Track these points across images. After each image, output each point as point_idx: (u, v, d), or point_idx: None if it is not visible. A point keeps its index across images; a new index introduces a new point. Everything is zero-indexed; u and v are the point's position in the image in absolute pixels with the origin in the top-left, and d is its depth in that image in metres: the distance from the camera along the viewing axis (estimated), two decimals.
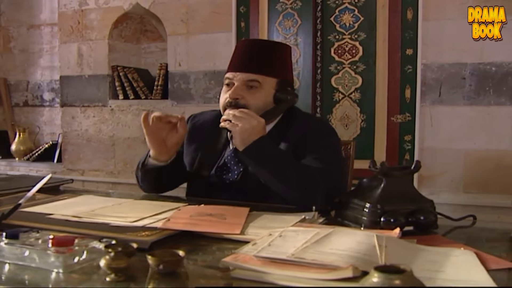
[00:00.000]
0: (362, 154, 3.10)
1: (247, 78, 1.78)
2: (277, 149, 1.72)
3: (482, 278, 1.00)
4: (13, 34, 4.64)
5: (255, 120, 1.66)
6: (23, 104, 4.63)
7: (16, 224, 1.36)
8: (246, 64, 1.80)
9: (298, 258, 1.04)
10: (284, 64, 1.87)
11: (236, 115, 1.66)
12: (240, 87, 1.78)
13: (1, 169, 4.26)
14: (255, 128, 1.65)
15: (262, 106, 1.79)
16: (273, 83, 1.81)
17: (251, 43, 1.87)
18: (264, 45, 1.90)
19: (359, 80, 3.10)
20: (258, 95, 1.78)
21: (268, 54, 1.82)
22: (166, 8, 3.65)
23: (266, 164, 1.67)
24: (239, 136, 1.66)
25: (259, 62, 1.80)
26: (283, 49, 1.90)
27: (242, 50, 1.85)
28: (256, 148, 1.65)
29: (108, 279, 1.01)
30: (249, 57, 1.81)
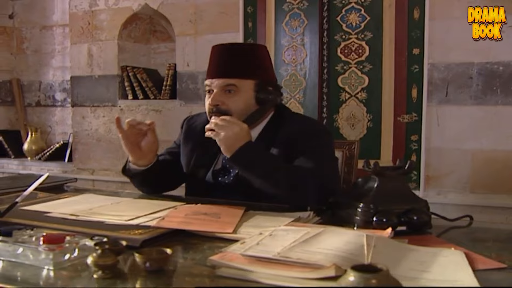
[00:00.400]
0: (368, 154, 3.09)
1: (224, 84, 1.79)
2: (263, 153, 1.73)
3: (466, 278, 1.00)
4: (26, 35, 4.70)
5: (237, 126, 1.67)
6: (36, 104, 4.69)
7: (14, 222, 1.38)
8: (221, 69, 1.81)
9: (283, 257, 1.05)
10: (261, 64, 1.87)
11: (218, 123, 1.67)
12: (219, 93, 1.79)
13: (14, 168, 4.32)
14: (239, 135, 1.66)
15: (244, 109, 1.80)
16: (251, 85, 1.81)
17: (224, 48, 1.86)
18: (237, 49, 1.90)
19: (366, 80, 3.09)
20: (237, 99, 1.79)
21: (242, 57, 1.83)
22: (175, 8, 3.67)
23: (254, 169, 1.68)
24: (224, 144, 1.67)
25: (233, 66, 1.80)
26: (258, 50, 1.90)
27: (216, 56, 1.85)
28: (242, 154, 1.66)
29: (96, 276, 1.03)
30: (223, 62, 1.82)
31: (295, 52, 3.24)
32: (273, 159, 1.72)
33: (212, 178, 1.88)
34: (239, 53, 1.86)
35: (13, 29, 4.73)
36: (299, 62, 3.23)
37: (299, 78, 3.23)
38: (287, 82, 3.27)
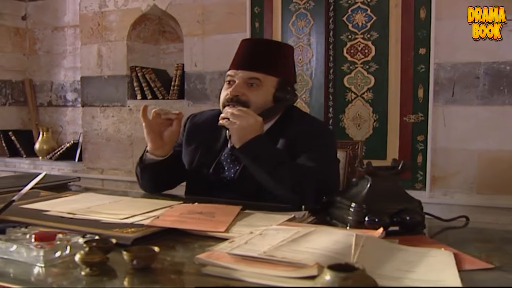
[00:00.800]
0: (374, 154, 3.10)
1: (248, 76, 1.80)
2: (272, 148, 1.74)
3: (450, 278, 1.00)
4: (39, 36, 4.76)
5: (252, 118, 1.69)
6: (47, 104, 4.74)
7: (11, 220, 1.41)
8: (248, 62, 1.83)
9: (269, 255, 1.06)
10: (286, 64, 1.89)
11: (234, 113, 1.69)
12: (241, 85, 1.81)
13: (25, 167, 4.37)
14: (252, 126, 1.68)
15: (262, 103, 1.81)
16: (273, 82, 1.83)
17: (253, 42, 1.91)
18: (266, 45, 1.93)
19: (372, 80, 3.08)
20: (259, 93, 1.81)
21: (269, 53, 1.84)
22: (182, 9, 3.70)
23: (260, 162, 1.69)
24: (237, 133, 1.69)
25: (260, 61, 1.82)
26: (285, 49, 1.92)
27: (244, 48, 1.87)
28: (252, 146, 1.68)
29: (83, 273, 1.04)
30: (251, 56, 1.84)
31: (302, 52, 3.24)
32: (280, 155, 1.73)
33: (213, 175, 1.89)
34: (267, 49, 1.88)
35: (26, 30, 4.79)
36: (306, 62, 3.23)
37: (305, 78, 3.24)
38: None
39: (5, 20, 4.62)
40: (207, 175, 1.91)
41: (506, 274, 1.04)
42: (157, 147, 1.86)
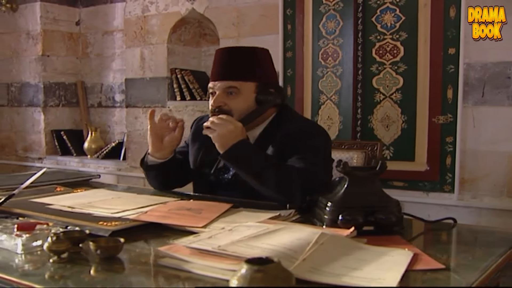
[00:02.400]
0: (403, 156, 3.07)
1: (225, 86, 1.86)
2: (254, 151, 1.78)
3: (390, 277, 1.01)
4: (90, 40, 4.98)
5: (231, 125, 1.74)
6: (97, 105, 4.96)
7: (13, 211, 1.53)
8: (223, 72, 1.89)
9: (221, 250, 1.11)
10: (263, 67, 1.92)
11: (214, 121, 1.76)
12: (221, 95, 1.87)
13: (74, 165, 4.60)
14: (232, 133, 1.74)
15: (244, 109, 1.86)
16: (252, 87, 1.87)
17: (225, 51, 1.94)
18: (239, 52, 1.95)
19: (400, 81, 3.05)
20: (239, 100, 1.86)
21: (243, 60, 1.89)
22: (219, 12, 3.78)
23: (244, 166, 1.75)
24: (218, 141, 1.75)
25: (235, 69, 1.87)
26: (260, 53, 1.95)
27: (219, 59, 1.92)
28: (233, 152, 1.73)
29: (51, 260, 1.13)
30: (225, 65, 1.89)
31: (331, 53, 3.25)
32: (263, 158, 1.77)
33: (214, 176, 1.96)
34: (239, 56, 1.92)
35: (79, 35, 5.02)
36: (335, 63, 3.24)
37: (334, 79, 3.24)
38: (324, 83, 3.29)
39: (60, 26, 4.87)
40: (209, 176, 1.97)
41: (454, 274, 1.05)
42: (157, 150, 1.95)
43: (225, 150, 1.75)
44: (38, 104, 4.76)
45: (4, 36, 4.95)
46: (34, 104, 4.79)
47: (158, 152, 1.96)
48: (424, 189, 3.03)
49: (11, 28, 4.90)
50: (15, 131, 4.94)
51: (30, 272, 1.08)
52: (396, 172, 3.08)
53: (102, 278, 1.04)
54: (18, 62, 4.87)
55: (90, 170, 4.44)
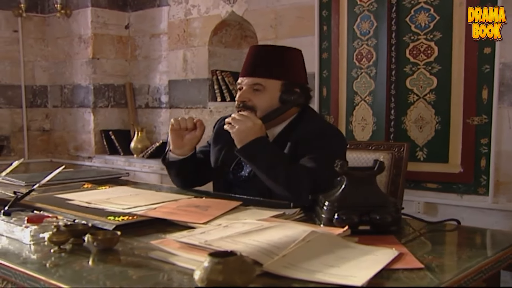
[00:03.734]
0: (436, 157, 3.03)
1: (252, 82, 1.92)
2: (270, 149, 1.82)
3: (362, 275, 1.03)
4: (138, 43, 5.14)
5: (250, 122, 1.80)
6: (145, 106, 5.11)
7: (33, 205, 1.63)
8: (251, 69, 1.94)
9: (207, 244, 1.16)
10: (290, 66, 1.96)
11: (235, 117, 1.82)
12: (247, 91, 1.93)
13: (121, 164, 4.76)
14: (251, 129, 1.79)
15: (267, 107, 1.91)
16: (277, 85, 1.91)
17: (257, 49, 1.99)
18: (268, 50, 2.00)
19: (434, 81, 3.01)
20: (263, 97, 1.91)
21: (271, 59, 1.93)
22: (257, 14, 3.84)
23: (257, 162, 1.80)
24: (236, 136, 1.81)
25: (262, 67, 1.92)
26: (290, 52, 1.99)
27: (249, 56, 1.99)
28: (249, 148, 1.79)
29: (52, 250, 1.22)
30: (254, 63, 1.95)
31: (365, 54, 3.24)
32: (276, 156, 1.81)
33: (232, 174, 2.02)
34: (268, 54, 1.97)
35: (128, 38, 5.20)
36: (369, 64, 3.23)
37: (368, 80, 3.24)
38: (358, 84, 3.29)
39: (110, 30, 5.05)
40: (228, 174, 2.03)
41: (429, 274, 1.06)
42: (177, 147, 2.02)
43: (242, 146, 1.82)
44: (88, 105, 4.96)
45: (59, 41, 5.19)
46: (85, 105, 4.99)
47: (179, 149, 2.03)
48: (458, 191, 2.97)
49: (65, 32, 5.13)
50: (67, 131, 5.17)
51: (29, 260, 1.17)
52: (430, 174, 3.05)
53: (89, 268, 1.11)
54: (70, 65, 5.09)
55: (136, 169, 4.60)
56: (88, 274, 1.06)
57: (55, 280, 1.01)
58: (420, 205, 3.06)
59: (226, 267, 0.88)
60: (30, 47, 5.15)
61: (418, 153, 3.07)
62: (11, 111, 5.01)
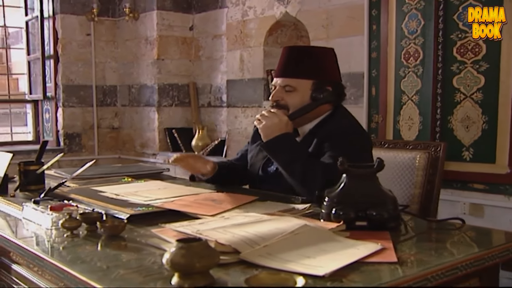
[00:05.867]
0: (483, 158, 2.98)
1: (283, 84, 2.00)
2: (291, 145, 1.89)
3: (330, 266, 1.09)
4: (202, 44, 5.32)
5: (276, 118, 1.89)
6: (207, 105, 5.29)
7: (66, 195, 1.80)
8: (282, 70, 2.04)
9: (197, 233, 1.26)
10: (321, 65, 2.03)
11: (263, 114, 1.92)
12: (279, 91, 2.02)
13: None
14: (277, 125, 1.88)
15: (298, 105, 1.98)
16: (308, 85, 1.98)
17: (288, 50, 2.07)
18: (299, 51, 2.09)
19: (482, 80, 2.95)
20: (294, 96, 1.99)
21: (302, 59, 2.01)
22: (310, 15, 3.90)
23: (278, 157, 1.89)
24: (262, 132, 1.91)
25: (293, 67, 2.01)
26: (320, 52, 2.07)
27: (281, 57, 2.07)
28: (272, 143, 1.89)
29: (65, 235, 1.36)
30: (285, 64, 2.04)
31: (412, 53, 3.22)
32: (297, 152, 1.88)
33: (262, 170, 2.10)
34: (299, 55, 2.06)
35: (192, 39, 5.39)
36: (416, 63, 3.20)
37: (415, 79, 3.21)
38: (405, 84, 3.27)
39: (175, 31, 5.27)
40: (259, 169, 2.12)
41: (399, 268, 1.11)
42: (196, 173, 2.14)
43: (266, 141, 1.91)
44: (153, 104, 5.20)
45: (128, 43, 5.46)
46: (150, 104, 5.24)
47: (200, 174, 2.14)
48: (506, 192, 2.90)
49: (133, 35, 5.40)
50: (134, 129, 5.44)
51: (44, 242, 1.32)
52: (476, 175, 2.99)
53: (90, 251, 1.24)
54: (137, 66, 5.35)
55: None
56: (85, 256, 1.18)
57: (54, 259, 1.15)
58: (466, 206, 3.01)
59: (187, 251, 0.97)
60: (101, 49, 5.45)
61: (464, 153, 3.02)
62: (82, 109, 5.34)
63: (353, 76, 3.61)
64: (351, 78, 3.63)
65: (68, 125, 5.25)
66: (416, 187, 2.35)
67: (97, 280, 1.00)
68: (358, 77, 3.58)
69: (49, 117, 5.35)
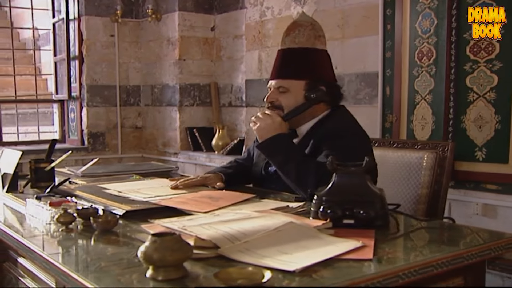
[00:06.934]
0: (496, 158, 2.95)
1: (277, 85, 2.06)
2: (285, 145, 1.93)
3: (304, 262, 1.12)
4: (223, 44, 5.38)
5: (270, 119, 1.92)
6: (228, 105, 5.34)
7: (71, 192, 1.86)
8: (276, 72, 2.10)
9: (183, 229, 1.30)
10: (315, 66, 2.06)
11: (258, 116, 1.96)
12: (274, 92, 2.07)
13: (202, 160, 5.03)
14: (270, 126, 1.91)
15: (292, 105, 2.03)
16: (301, 85, 2.02)
17: (283, 52, 2.11)
18: (293, 53, 2.14)
19: (495, 79, 2.92)
20: (288, 97, 2.03)
21: (295, 60, 2.04)
22: (325, 15, 3.91)
23: (273, 158, 1.92)
24: (257, 133, 1.95)
25: (285, 69, 2.06)
26: (313, 53, 2.11)
27: (276, 60, 2.14)
28: (267, 143, 1.92)
29: (60, 229, 1.42)
30: (279, 66, 2.10)
31: (426, 52, 3.21)
32: (291, 152, 1.92)
33: (264, 169, 2.14)
34: (292, 57, 2.10)
35: (214, 39, 5.45)
36: (429, 63, 3.19)
37: (428, 78, 3.20)
38: (418, 83, 3.26)
39: (196, 32, 5.34)
40: (261, 169, 2.16)
41: (371, 265, 1.13)
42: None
43: (261, 142, 1.95)
44: (175, 104, 5.28)
45: (150, 43, 5.56)
46: (172, 104, 5.32)
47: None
48: None
49: (156, 36, 5.48)
50: (157, 128, 5.53)
51: (38, 235, 1.39)
52: (489, 175, 2.96)
53: (78, 244, 1.29)
54: (160, 66, 5.44)
55: (215, 165, 4.82)
56: (75, 249, 1.24)
57: (43, 252, 1.21)
58: (479, 207, 2.99)
59: (160, 245, 1.01)
60: (125, 49, 5.56)
61: (477, 153, 2.99)
62: (106, 109, 5.46)
63: (367, 76, 3.61)
64: (365, 78, 3.64)
65: (92, 124, 5.37)
66: (423, 187, 2.35)
67: (76, 271, 1.06)
68: (372, 77, 3.58)
69: (74, 116, 5.48)
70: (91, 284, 0.98)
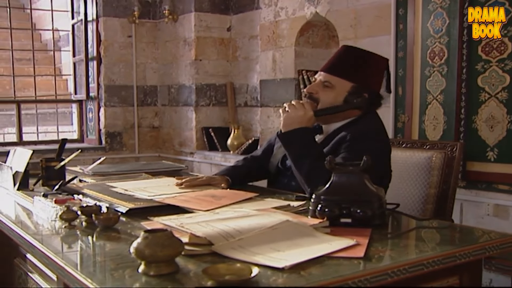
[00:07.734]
0: (508, 158, 2.94)
1: (324, 79, 2.02)
2: (305, 141, 1.92)
3: (294, 259, 1.14)
4: (239, 45, 5.41)
5: (301, 111, 1.94)
6: (244, 105, 5.37)
7: (79, 190, 1.91)
8: (328, 65, 2.05)
9: (180, 226, 1.33)
10: (367, 72, 2.02)
11: (291, 103, 1.96)
12: (317, 84, 2.03)
13: (217, 160, 5.06)
14: (299, 118, 1.93)
15: (330, 103, 1.99)
16: (347, 86, 1.99)
17: (342, 48, 2.08)
18: (352, 52, 2.08)
19: (507, 79, 2.89)
20: (329, 93, 2.00)
21: (351, 60, 2.02)
22: (338, 15, 3.92)
23: (290, 150, 1.93)
24: (284, 120, 1.97)
25: (338, 66, 2.02)
26: (372, 58, 2.06)
27: (334, 54, 2.10)
28: (288, 135, 1.93)
29: (64, 226, 1.46)
30: (333, 60, 2.06)
31: (437, 52, 3.19)
32: (309, 148, 1.90)
33: (281, 163, 2.13)
34: (350, 56, 2.07)
35: (230, 40, 5.49)
36: (441, 63, 3.18)
37: (440, 78, 3.18)
38: (430, 83, 3.25)
39: (212, 32, 5.38)
40: (278, 164, 2.16)
41: (361, 263, 1.14)
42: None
43: (284, 131, 1.95)
44: (191, 104, 5.33)
45: (167, 44, 5.62)
46: (188, 104, 5.37)
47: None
48: None
49: (172, 36, 5.54)
50: (173, 128, 5.59)
51: (43, 232, 1.43)
52: (501, 175, 2.95)
53: (82, 240, 1.34)
54: (176, 66, 5.50)
55: (230, 165, 4.84)
56: (75, 245, 1.28)
57: (42, 247, 1.24)
58: (490, 207, 2.97)
59: (151, 241, 1.04)
60: (142, 50, 5.63)
61: (488, 153, 2.97)
62: (124, 109, 5.53)
63: None
64: None
65: (109, 124, 5.44)
66: (431, 187, 2.35)
67: (72, 265, 1.09)
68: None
69: (92, 116, 5.56)
70: (84, 278, 1.02)
